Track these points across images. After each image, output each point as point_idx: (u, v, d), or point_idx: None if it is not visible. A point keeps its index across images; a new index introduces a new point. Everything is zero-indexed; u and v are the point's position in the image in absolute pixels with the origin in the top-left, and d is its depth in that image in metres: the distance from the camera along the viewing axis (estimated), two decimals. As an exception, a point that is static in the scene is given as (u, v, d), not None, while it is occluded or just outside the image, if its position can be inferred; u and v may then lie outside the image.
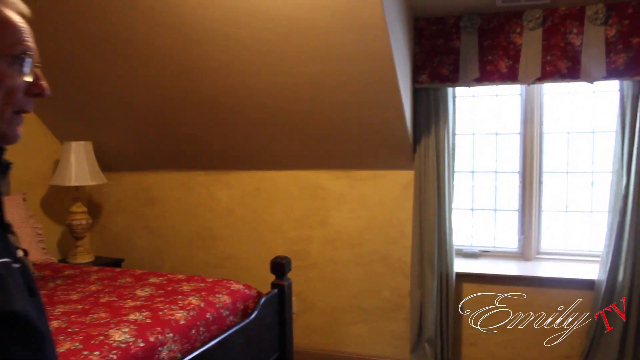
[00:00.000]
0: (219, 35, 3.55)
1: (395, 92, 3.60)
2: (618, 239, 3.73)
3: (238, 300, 3.24)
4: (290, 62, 3.62)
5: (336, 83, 3.68)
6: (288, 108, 3.94)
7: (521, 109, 4.20)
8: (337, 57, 3.51)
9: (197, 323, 2.84)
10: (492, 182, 4.38)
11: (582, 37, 3.71)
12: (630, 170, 3.67)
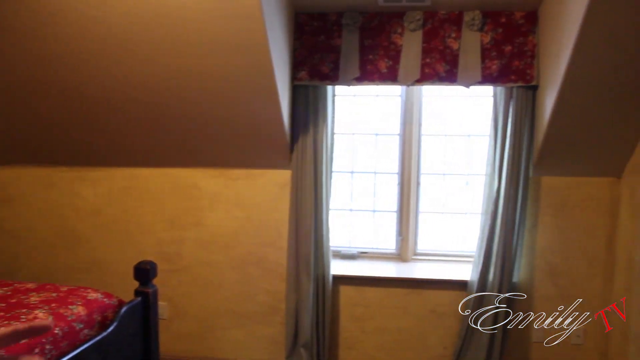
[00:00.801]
0: (81, 18, 3.21)
1: (272, 88, 3.44)
2: (489, 240, 3.80)
3: (95, 311, 2.93)
4: (159, 52, 3.36)
5: (210, 76, 3.46)
6: (158, 101, 3.67)
7: (401, 110, 4.19)
8: (211, 49, 3.30)
9: (42, 340, 2.52)
10: (371, 182, 4.33)
11: (460, 42, 3.74)
12: (502, 174, 3.75)
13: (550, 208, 3.93)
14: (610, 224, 3.91)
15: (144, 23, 3.21)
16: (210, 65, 3.39)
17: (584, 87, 3.26)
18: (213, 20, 3.13)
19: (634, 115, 3.44)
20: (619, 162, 3.76)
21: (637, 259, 3.55)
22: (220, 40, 3.24)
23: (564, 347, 4.02)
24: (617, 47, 3.04)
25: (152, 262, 3.23)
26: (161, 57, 3.38)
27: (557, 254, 3.96)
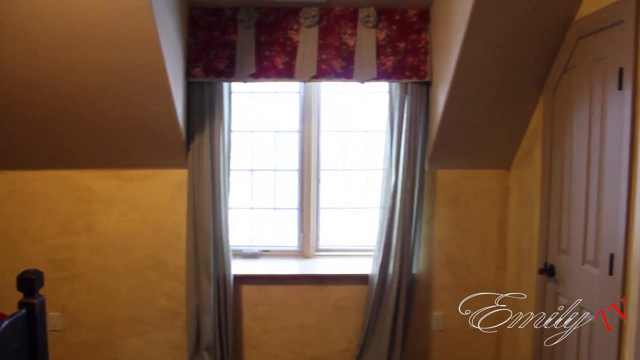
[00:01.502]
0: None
1: (165, 85, 3.32)
2: (388, 234, 3.87)
3: (-28, 327, 2.70)
4: (44, 45, 3.15)
5: (100, 72, 3.29)
6: (44, 98, 3.44)
7: (300, 107, 4.17)
8: (101, 44, 3.13)
9: None
10: (271, 180, 4.29)
11: (356, 39, 3.77)
12: (398, 168, 3.82)
13: (445, 200, 4.05)
14: (502, 214, 4.08)
15: (30, 14, 3.00)
16: (101, 60, 3.22)
17: (472, 82, 3.38)
18: (102, 14, 2.98)
19: (520, 111, 3.60)
20: (507, 154, 3.93)
21: (525, 246, 3.72)
22: (110, 35, 3.08)
23: (463, 333, 4.16)
24: (502, 44, 3.16)
25: (37, 271, 3.02)
26: (48, 52, 3.17)
27: (454, 244, 4.09)
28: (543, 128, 3.44)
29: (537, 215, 3.49)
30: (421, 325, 4.13)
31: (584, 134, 2.93)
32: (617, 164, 2.60)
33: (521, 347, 3.76)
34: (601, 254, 2.76)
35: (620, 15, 2.58)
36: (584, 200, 2.93)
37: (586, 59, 2.94)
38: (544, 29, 3.10)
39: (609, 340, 2.63)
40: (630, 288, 2.50)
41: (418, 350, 4.14)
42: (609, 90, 2.68)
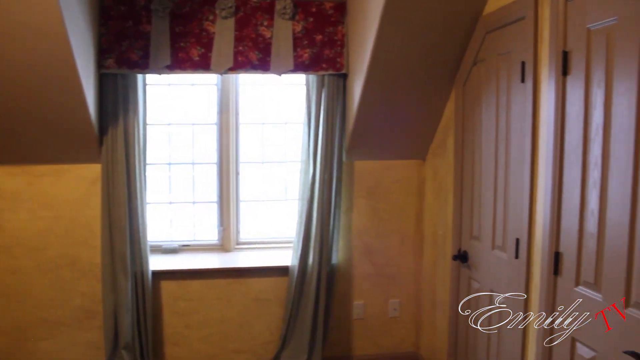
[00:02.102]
0: None
1: (74, 76, 3.19)
2: (307, 225, 3.90)
3: None
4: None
5: (1, 64, 3.12)
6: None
7: (217, 99, 4.12)
8: (5, 34, 2.97)
9: None
10: (190, 173, 4.23)
11: (272, 30, 3.76)
12: (316, 160, 3.85)
13: (363, 191, 4.12)
14: (418, 203, 4.20)
15: None
16: (5, 52, 3.06)
17: (386, 75, 3.45)
18: (5, 3, 2.83)
19: (433, 102, 3.71)
20: (423, 145, 4.04)
21: (440, 234, 3.84)
22: (14, 25, 2.93)
23: (383, 321, 4.25)
24: (415, 37, 3.24)
25: None
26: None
27: (372, 234, 4.17)
28: (455, 119, 3.56)
29: (451, 203, 3.61)
30: (342, 314, 4.19)
31: (492, 125, 3.05)
32: (521, 153, 2.73)
33: (439, 332, 3.89)
34: (508, 239, 2.89)
35: (521, 12, 2.70)
36: (492, 188, 3.06)
37: (493, 53, 3.06)
38: (454, 23, 3.20)
39: (516, 319, 2.75)
40: (534, 270, 2.64)
41: (340, 339, 4.20)
42: (513, 82, 2.81)
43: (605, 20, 2.10)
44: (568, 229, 2.36)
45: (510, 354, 2.82)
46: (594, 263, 2.18)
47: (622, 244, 2.01)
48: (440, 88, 3.60)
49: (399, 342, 4.32)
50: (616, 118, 2.04)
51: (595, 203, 2.17)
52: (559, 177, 2.40)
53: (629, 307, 1.98)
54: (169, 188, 4.22)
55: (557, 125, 2.40)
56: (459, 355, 3.52)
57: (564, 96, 2.36)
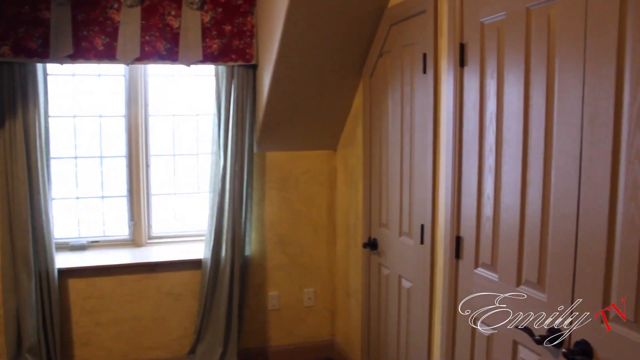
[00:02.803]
0: None
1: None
2: (219, 217, 3.87)
3: None
4: None
5: None
6: None
7: (125, 90, 4.02)
8: None
9: None
10: (97, 167, 4.09)
11: (180, 20, 3.70)
12: (227, 151, 3.82)
13: (275, 182, 4.14)
14: (330, 193, 4.26)
15: None
16: None
17: (295, 66, 3.46)
18: None
19: (343, 93, 3.76)
20: (334, 136, 4.09)
21: (352, 223, 3.92)
22: None
23: (298, 310, 4.29)
24: (322, 29, 3.27)
25: None
26: None
27: (285, 224, 4.20)
28: (363, 110, 3.63)
29: (361, 192, 3.69)
30: (257, 305, 4.20)
31: (397, 115, 3.14)
32: (424, 142, 2.82)
33: (352, 319, 3.97)
34: (414, 225, 2.99)
35: (422, 6, 2.78)
36: (399, 176, 3.15)
37: (398, 45, 3.14)
38: (361, 15, 3.25)
39: (422, 303, 2.86)
40: (437, 254, 2.74)
41: (255, 330, 4.21)
42: (416, 73, 2.89)
43: (495, 15, 2.21)
44: (467, 213, 2.46)
45: (419, 335, 2.92)
46: (490, 245, 2.29)
47: (514, 226, 2.12)
48: (348, 79, 3.66)
49: (315, 331, 4.37)
50: (507, 107, 2.15)
51: (491, 188, 2.28)
52: (458, 164, 2.50)
53: (521, 285, 2.10)
54: (76, 183, 4.06)
55: (455, 114, 2.49)
56: (371, 340, 3.61)
57: (462, 86, 2.46)
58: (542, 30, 1.94)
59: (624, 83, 1.59)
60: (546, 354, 1.94)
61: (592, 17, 1.70)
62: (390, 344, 3.32)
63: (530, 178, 2.02)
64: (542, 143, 1.94)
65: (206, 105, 4.17)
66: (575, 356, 1.74)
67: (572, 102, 1.79)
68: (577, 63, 1.76)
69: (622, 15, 1.59)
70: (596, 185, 1.69)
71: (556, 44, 1.87)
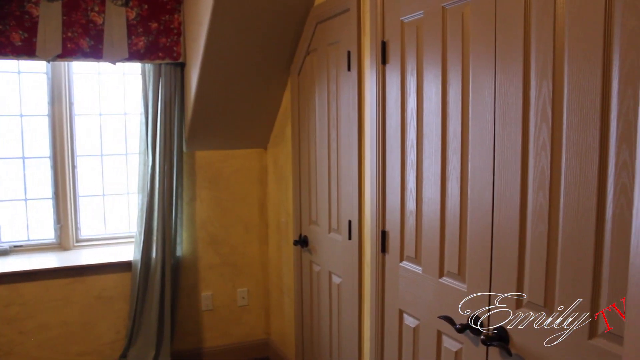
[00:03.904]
0: None
1: None
2: (149, 218, 3.80)
3: None
4: None
5: None
6: None
7: (48, 88, 3.89)
8: None
9: None
10: (19, 169, 3.94)
11: (104, 17, 3.60)
12: (156, 151, 3.76)
13: (206, 181, 4.10)
14: (261, 192, 4.25)
15: None
16: None
17: (222, 64, 3.44)
18: None
19: (271, 91, 3.76)
20: (264, 134, 4.09)
21: (283, 221, 3.92)
22: None
23: (232, 310, 4.26)
24: (248, 27, 3.26)
25: None
26: None
27: (216, 224, 4.16)
28: (291, 108, 3.64)
29: (291, 190, 3.70)
30: (190, 306, 4.15)
31: (324, 113, 3.16)
32: (349, 139, 2.85)
33: (287, 316, 3.98)
34: (342, 221, 3.02)
35: (346, 4, 2.81)
36: (327, 173, 3.17)
37: (323, 43, 3.16)
38: (287, 13, 3.26)
39: (352, 297, 2.89)
40: (365, 249, 2.78)
41: (189, 332, 4.16)
42: (341, 71, 2.93)
43: (414, 13, 2.26)
44: (392, 208, 2.51)
45: (349, 329, 2.96)
46: (414, 239, 2.35)
47: (435, 219, 2.18)
48: (276, 77, 3.66)
49: (250, 330, 4.35)
50: (426, 103, 2.20)
51: (413, 183, 2.33)
52: (382, 160, 2.55)
53: (443, 276, 2.16)
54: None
55: (378, 111, 2.54)
56: (305, 336, 3.63)
57: (384, 83, 2.50)
58: (456, 29, 2.00)
59: (530, 78, 1.66)
60: (467, 342, 2.01)
61: (501, 16, 1.77)
62: (323, 340, 3.35)
63: (449, 172, 2.08)
64: (459, 137, 2.00)
65: (134, 104, 4.08)
66: (493, 342, 1.81)
67: (485, 98, 1.85)
68: (488, 60, 1.82)
69: (527, 14, 1.66)
70: (509, 176, 1.76)
71: (470, 42, 1.93)
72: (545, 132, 1.61)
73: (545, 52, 1.60)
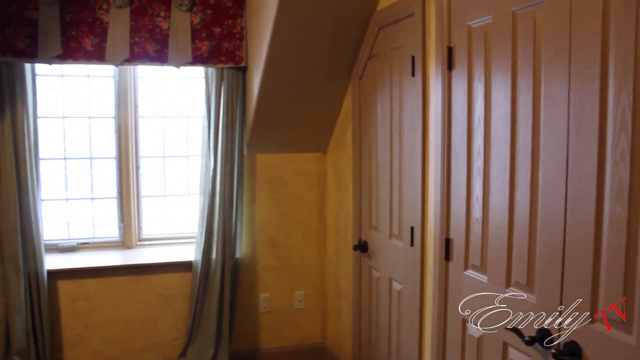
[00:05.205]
0: None
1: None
2: (209, 219, 3.86)
3: None
4: None
5: None
6: None
7: (115, 91, 4.01)
8: None
9: None
10: (87, 169, 4.07)
11: (170, 22, 3.69)
12: (217, 153, 3.82)
13: (265, 184, 4.13)
14: (320, 196, 4.26)
15: None
16: None
17: (284, 68, 3.46)
18: None
19: (332, 95, 3.77)
20: (323, 138, 4.09)
21: (342, 225, 3.92)
22: None
23: (289, 313, 4.29)
24: (311, 31, 3.27)
25: None
26: None
27: (275, 227, 4.19)
28: (352, 112, 3.63)
29: (351, 195, 3.69)
30: (248, 308, 4.19)
31: (387, 118, 3.14)
32: (413, 144, 2.82)
33: (343, 321, 3.97)
34: (404, 228, 2.99)
35: (411, 9, 2.79)
36: (388, 179, 3.15)
37: (387, 47, 3.14)
38: (350, 18, 3.26)
39: (413, 304, 2.86)
40: (427, 256, 2.74)
41: (246, 333, 4.20)
42: (405, 76, 2.90)
43: (482, 18, 2.21)
44: (457, 215, 2.47)
45: (409, 336, 2.92)
46: (479, 247, 2.30)
47: (503, 227, 2.13)
48: (338, 82, 3.66)
49: (306, 334, 4.36)
50: (495, 110, 2.16)
51: (480, 190, 2.28)
52: (447, 166, 2.51)
53: (510, 286, 2.10)
54: (65, 184, 4.05)
55: (444, 117, 2.50)
56: (363, 342, 3.61)
57: (450, 89, 2.46)
58: (528, 34, 1.95)
59: (608, 86, 1.59)
60: (536, 355, 1.94)
61: (576, 20, 1.71)
62: (381, 346, 3.32)
63: (518, 180, 2.03)
64: (530, 145, 1.95)
65: (196, 107, 4.16)
66: (564, 357, 1.75)
67: (558, 105, 1.79)
68: (562, 66, 1.77)
69: (605, 17, 1.60)
70: (583, 186, 1.70)
71: (542, 47, 1.87)
72: (624, 141, 1.55)
73: (625, 58, 1.54)
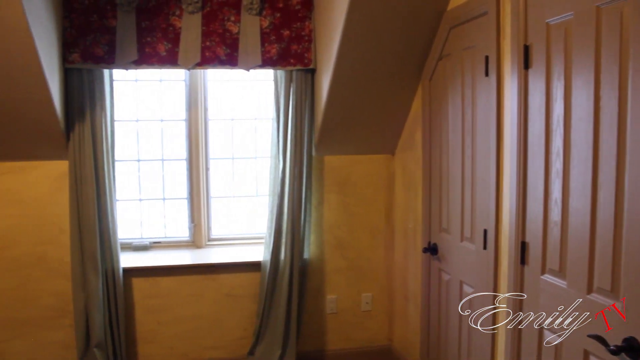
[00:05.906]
0: None
1: (38, 70, 3.13)
2: (278, 220, 3.90)
3: None
4: None
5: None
6: None
7: (186, 95, 4.10)
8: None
9: None
10: (159, 170, 4.19)
11: (240, 26, 3.75)
12: (286, 155, 3.85)
13: (334, 185, 4.14)
14: (388, 197, 4.23)
15: None
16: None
17: (353, 70, 3.46)
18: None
19: (401, 97, 3.74)
20: (392, 140, 4.07)
21: (410, 227, 3.88)
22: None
23: (356, 314, 4.28)
24: (381, 32, 3.26)
25: None
26: None
27: (343, 228, 4.19)
28: (422, 114, 3.59)
29: (420, 197, 3.65)
30: (315, 308, 4.21)
31: (458, 119, 3.09)
32: (486, 146, 2.76)
33: (411, 324, 3.93)
34: (476, 230, 2.93)
35: (484, 7, 2.73)
36: (460, 181, 3.10)
37: (458, 48, 3.09)
38: (420, 18, 3.22)
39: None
40: (501, 259, 2.68)
41: (313, 334, 4.22)
42: (478, 76, 2.84)
43: (562, 15, 2.15)
44: (533, 218, 2.40)
45: (482, 342, 2.86)
46: (558, 251, 2.23)
47: (584, 231, 2.06)
48: (407, 83, 3.63)
49: (372, 336, 4.34)
50: (575, 110, 2.09)
51: (559, 192, 2.21)
52: (523, 168, 2.45)
53: (592, 292, 2.03)
54: (139, 185, 4.18)
55: (520, 117, 2.44)
56: (431, 346, 3.56)
57: (526, 89, 2.40)
58: (613, 30, 1.87)
59: None
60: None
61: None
62: (450, 350, 3.26)
63: (602, 181, 1.95)
64: (615, 146, 1.87)
65: (264, 109, 4.21)
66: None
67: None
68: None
69: None
70: (675, 189, 1.62)
71: (629, 44, 1.80)
72: None
73: None
